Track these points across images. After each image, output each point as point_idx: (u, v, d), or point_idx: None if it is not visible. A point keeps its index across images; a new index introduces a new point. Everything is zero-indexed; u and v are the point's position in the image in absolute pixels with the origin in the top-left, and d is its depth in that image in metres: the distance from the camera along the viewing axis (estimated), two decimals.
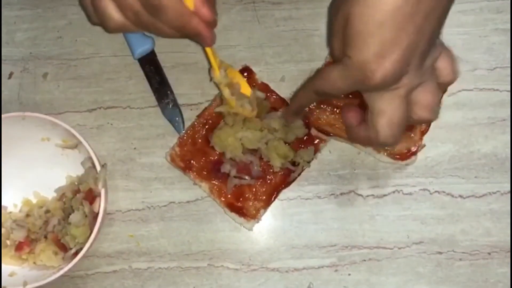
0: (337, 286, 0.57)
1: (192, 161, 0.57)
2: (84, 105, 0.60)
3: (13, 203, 0.58)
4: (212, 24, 0.46)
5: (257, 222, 0.57)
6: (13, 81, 0.61)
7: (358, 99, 0.57)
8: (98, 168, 0.53)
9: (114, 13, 0.46)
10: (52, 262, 0.54)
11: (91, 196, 0.53)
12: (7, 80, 0.61)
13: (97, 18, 0.48)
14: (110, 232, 0.58)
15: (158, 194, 0.58)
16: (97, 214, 0.52)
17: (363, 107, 0.56)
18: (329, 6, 0.60)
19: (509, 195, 0.57)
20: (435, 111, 0.49)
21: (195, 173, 0.57)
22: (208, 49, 0.50)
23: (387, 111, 0.48)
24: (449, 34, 0.60)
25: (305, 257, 0.57)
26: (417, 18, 0.44)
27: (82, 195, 0.54)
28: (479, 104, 0.59)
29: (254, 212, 0.56)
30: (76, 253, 0.52)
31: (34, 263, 0.56)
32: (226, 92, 0.53)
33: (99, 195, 0.53)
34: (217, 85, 0.54)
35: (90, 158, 0.54)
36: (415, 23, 0.44)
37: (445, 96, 0.57)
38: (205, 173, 0.57)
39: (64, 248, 0.55)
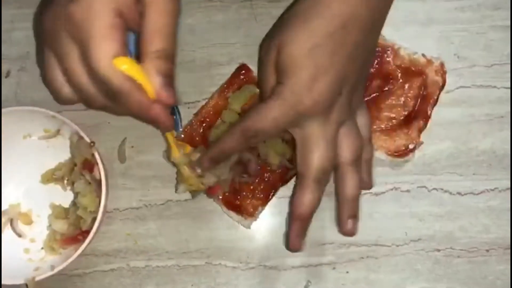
0: (335, 284, 0.56)
1: None
2: (81, 104, 0.60)
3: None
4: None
5: (255, 220, 0.57)
6: (11, 80, 0.61)
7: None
8: (87, 140, 0.53)
9: (63, 89, 0.45)
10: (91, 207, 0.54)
11: (89, 166, 0.53)
12: (5, 79, 0.61)
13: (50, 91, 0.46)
14: (107, 231, 0.58)
15: (155, 192, 0.58)
16: (100, 181, 0.52)
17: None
18: (260, 45, 0.59)
19: (508, 192, 0.57)
20: (358, 156, 0.49)
21: None
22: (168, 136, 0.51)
23: (320, 145, 0.47)
24: (447, 31, 0.59)
25: (303, 255, 0.57)
26: (348, 46, 0.46)
27: (80, 167, 0.54)
28: (477, 101, 0.59)
29: (252, 210, 0.56)
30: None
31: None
32: (187, 172, 0.52)
33: (96, 162, 0.53)
34: (175, 165, 0.53)
35: (77, 132, 0.54)
36: (346, 50, 0.46)
37: (443, 93, 0.57)
38: None
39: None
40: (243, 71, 0.58)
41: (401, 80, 0.57)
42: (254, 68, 0.58)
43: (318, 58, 0.45)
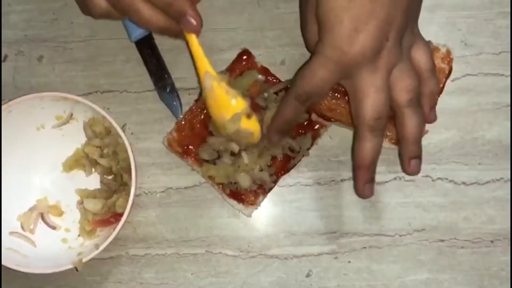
0: (337, 273, 0.56)
1: (190, 146, 0.56)
2: (80, 89, 0.59)
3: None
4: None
5: (256, 208, 0.56)
6: (8, 64, 0.59)
7: None
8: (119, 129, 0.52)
9: (99, 0, 0.46)
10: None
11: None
12: (2, 63, 0.59)
13: (84, 5, 0.48)
14: None
15: (155, 179, 0.58)
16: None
17: None
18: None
19: None
20: (414, 95, 0.48)
21: (193, 159, 0.56)
22: (194, 40, 0.48)
23: (370, 93, 0.47)
24: (454, 18, 0.58)
25: (305, 244, 0.56)
26: None
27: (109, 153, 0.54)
28: (484, 89, 0.57)
29: (253, 198, 0.55)
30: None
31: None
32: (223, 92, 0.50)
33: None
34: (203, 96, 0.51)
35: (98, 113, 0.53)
36: None
37: (449, 81, 0.56)
38: None
39: None
40: (245, 57, 0.57)
41: None
42: (256, 53, 0.57)
43: (357, 8, 0.44)
